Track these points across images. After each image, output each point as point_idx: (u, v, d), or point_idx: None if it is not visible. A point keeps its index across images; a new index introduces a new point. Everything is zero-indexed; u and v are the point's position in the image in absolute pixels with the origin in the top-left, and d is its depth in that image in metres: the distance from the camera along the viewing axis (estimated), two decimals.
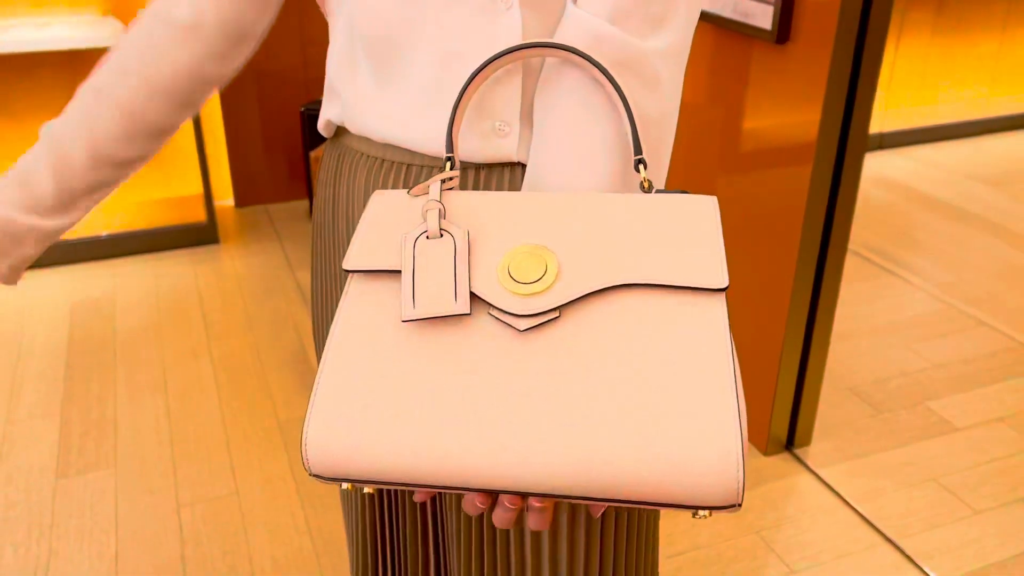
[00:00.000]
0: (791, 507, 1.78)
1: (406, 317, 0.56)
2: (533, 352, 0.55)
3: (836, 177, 1.69)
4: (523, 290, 0.57)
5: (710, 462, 0.50)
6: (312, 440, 0.55)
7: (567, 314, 0.57)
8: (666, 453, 0.51)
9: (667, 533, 1.71)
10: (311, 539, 1.70)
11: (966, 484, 1.84)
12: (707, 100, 1.91)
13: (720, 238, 0.60)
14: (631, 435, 0.52)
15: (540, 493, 0.53)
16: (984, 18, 3.76)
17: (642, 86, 0.66)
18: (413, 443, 0.53)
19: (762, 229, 1.82)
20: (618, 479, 0.51)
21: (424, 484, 0.54)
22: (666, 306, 0.57)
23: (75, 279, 2.70)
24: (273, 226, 3.07)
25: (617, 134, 0.66)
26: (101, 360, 2.28)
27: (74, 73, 2.63)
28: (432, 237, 0.59)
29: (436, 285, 0.57)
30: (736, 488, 0.51)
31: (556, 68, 0.67)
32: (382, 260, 0.60)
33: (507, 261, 0.58)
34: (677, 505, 0.52)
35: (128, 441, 1.98)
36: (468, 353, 0.56)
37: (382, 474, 0.54)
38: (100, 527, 1.73)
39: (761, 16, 1.67)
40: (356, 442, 0.54)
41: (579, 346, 0.55)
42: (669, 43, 0.67)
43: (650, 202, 0.62)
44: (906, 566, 1.63)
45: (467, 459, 0.53)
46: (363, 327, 0.58)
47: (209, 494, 1.82)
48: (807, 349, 1.86)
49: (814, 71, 1.61)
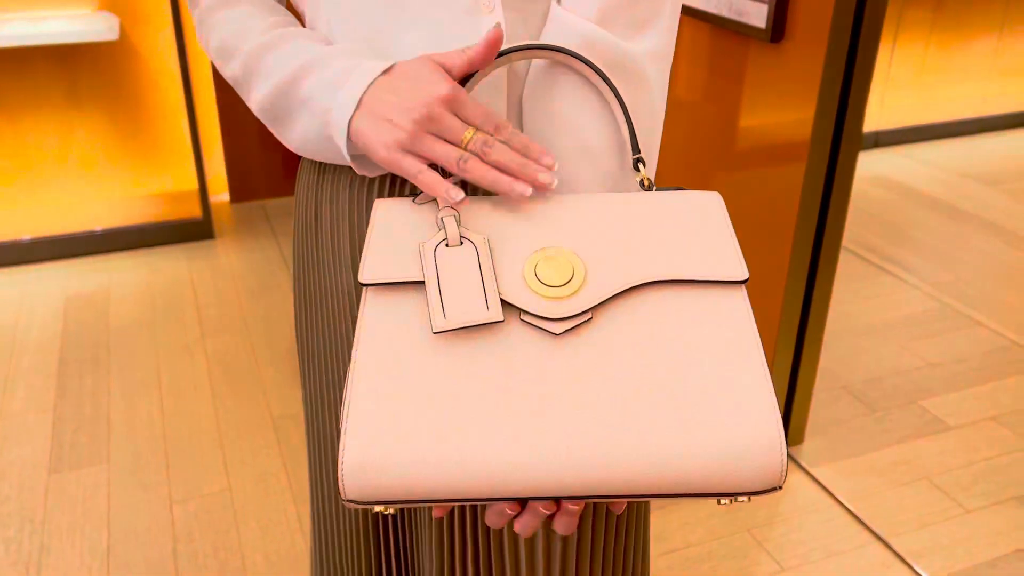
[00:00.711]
0: (783, 505, 1.79)
1: (438, 328, 0.55)
2: (570, 355, 0.55)
3: (830, 175, 1.69)
4: (554, 293, 0.57)
5: (755, 449, 0.52)
6: (349, 467, 0.53)
7: (598, 315, 0.57)
8: (712, 444, 0.52)
9: (659, 531, 1.71)
10: (303, 535, 1.70)
11: (958, 483, 1.84)
12: (704, 98, 1.91)
13: (732, 232, 0.61)
14: (677, 429, 0.52)
15: (588, 496, 0.53)
16: (982, 17, 3.76)
17: (632, 87, 0.66)
18: (460, 458, 0.52)
19: (756, 227, 1.82)
20: (669, 473, 0.52)
21: (471, 499, 0.53)
22: (693, 300, 0.58)
23: (69, 274, 2.70)
24: (268, 222, 3.06)
25: (612, 135, 0.66)
26: (95, 355, 2.28)
27: (69, 68, 2.62)
28: (452, 245, 0.59)
29: (465, 294, 0.56)
30: (780, 471, 0.53)
31: (546, 71, 0.67)
32: (400, 271, 0.58)
33: (532, 265, 0.58)
34: (722, 493, 0.53)
35: (121, 437, 1.98)
36: (504, 361, 0.55)
37: (422, 493, 0.53)
38: (92, 523, 1.73)
39: (755, 15, 1.67)
40: (395, 464, 0.52)
41: (614, 346, 0.56)
42: (655, 45, 0.68)
43: (657, 200, 0.63)
44: (896, 565, 1.64)
45: (518, 469, 0.52)
46: (388, 343, 0.56)
47: (202, 490, 1.82)
48: (800, 347, 1.86)
49: (808, 69, 1.61)
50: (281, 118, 0.69)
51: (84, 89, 2.66)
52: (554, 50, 0.64)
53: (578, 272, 0.58)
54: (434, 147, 0.60)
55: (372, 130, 0.61)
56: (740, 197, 1.85)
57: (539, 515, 0.55)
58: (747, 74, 1.77)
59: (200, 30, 0.75)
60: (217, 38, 0.72)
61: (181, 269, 2.73)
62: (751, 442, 0.52)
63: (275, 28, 0.71)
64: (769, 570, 1.63)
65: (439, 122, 0.60)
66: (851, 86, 1.61)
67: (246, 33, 0.71)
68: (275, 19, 0.72)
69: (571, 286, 0.57)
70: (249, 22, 0.71)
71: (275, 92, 0.68)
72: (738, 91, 1.80)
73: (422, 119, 0.60)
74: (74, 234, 2.78)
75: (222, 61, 0.72)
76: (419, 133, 0.60)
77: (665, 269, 0.58)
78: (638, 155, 0.65)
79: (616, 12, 0.65)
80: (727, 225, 0.61)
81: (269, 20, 0.72)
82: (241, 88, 0.72)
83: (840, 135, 1.66)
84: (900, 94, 3.81)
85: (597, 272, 0.58)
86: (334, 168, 0.75)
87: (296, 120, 0.68)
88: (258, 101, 0.70)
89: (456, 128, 0.60)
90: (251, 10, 0.73)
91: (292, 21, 0.74)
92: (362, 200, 0.73)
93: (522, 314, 0.56)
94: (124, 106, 2.72)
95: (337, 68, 0.65)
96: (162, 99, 2.76)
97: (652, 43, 0.67)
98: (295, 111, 0.68)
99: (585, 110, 0.66)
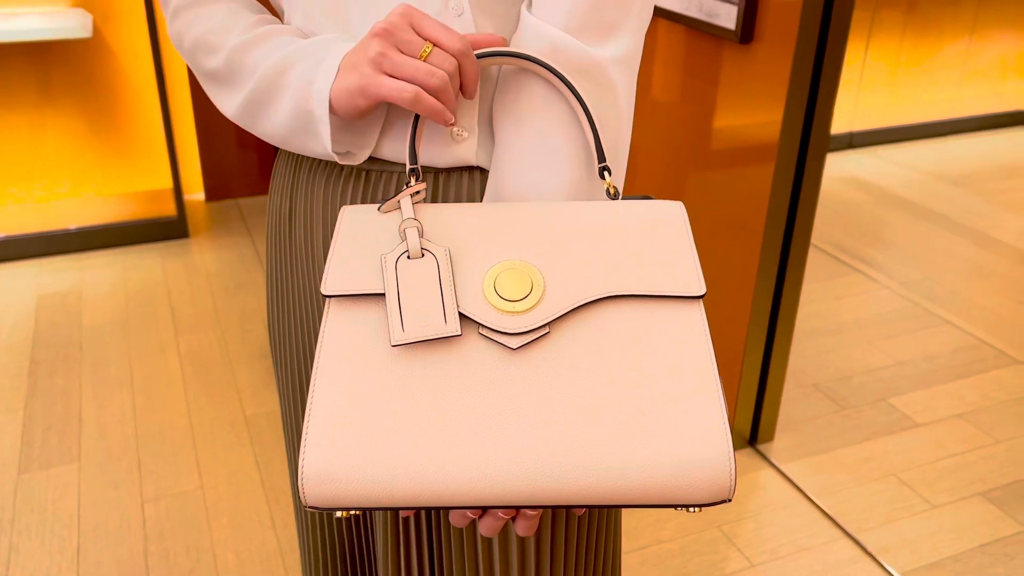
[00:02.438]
0: (753, 502, 1.81)
1: (396, 342, 0.56)
2: (526, 368, 0.56)
3: (799, 176, 1.71)
4: (512, 307, 0.58)
5: (704, 463, 0.54)
6: (309, 474, 0.54)
7: (555, 329, 0.58)
8: (663, 457, 0.54)
9: (631, 528, 1.73)
10: (276, 534, 1.70)
11: (925, 479, 1.87)
12: (677, 99, 1.93)
13: (692, 245, 0.62)
14: (629, 444, 0.54)
15: (542, 505, 0.54)
16: (953, 20, 3.81)
17: (599, 93, 0.67)
18: (413, 467, 0.53)
19: (727, 227, 1.84)
20: (621, 486, 0.53)
21: (426, 506, 0.54)
22: (649, 315, 0.59)
23: (42, 273, 2.67)
24: (243, 220, 3.05)
25: (579, 142, 0.67)
26: (67, 354, 2.27)
27: (41, 65, 2.60)
28: (413, 257, 0.60)
29: (423, 307, 0.57)
30: (728, 484, 0.54)
31: (515, 76, 0.67)
32: (362, 283, 0.59)
33: (491, 279, 0.59)
34: (673, 505, 0.55)
35: (93, 436, 1.97)
36: (461, 373, 0.56)
37: (383, 500, 0.54)
38: (62, 522, 1.72)
39: (725, 16, 1.69)
40: (353, 471, 0.54)
41: (570, 360, 0.57)
42: (623, 50, 0.68)
43: (621, 210, 0.64)
44: (864, 559, 1.66)
45: (471, 479, 0.53)
46: (350, 353, 0.57)
47: (174, 489, 1.81)
48: (770, 345, 1.88)
49: (777, 71, 1.63)
50: (265, 106, 0.70)
51: (57, 87, 2.64)
52: (520, 57, 0.65)
53: (537, 286, 0.59)
54: (403, 63, 0.61)
55: (346, 79, 0.63)
56: (711, 197, 1.87)
57: (500, 518, 0.57)
58: (719, 76, 1.78)
59: (173, 24, 0.75)
60: (196, 33, 0.73)
61: (155, 268, 2.72)
62: (701, 456, 0.54)
63: (259, 25, 0.72)
64: (739, 566, 1.64)
65: (396, 33, 0.62)
66: (819, 88, 1.63)
67: (230, 29, 0.72)
68: (259, 16, 0.74)
69: (529, 300, 0.58)
70: (232, 19, 0.72)
71: (260, 82, 0.68)
72: (710, 92, 1.82)
73: (381, 31, 0.62)
74: (47, 232, 2.76)
75: (202, 55, 0.73)
76: (385, 47, 0.62)
77: (623, 284, 0.59)
78: (603, 163, 0.65)
79: (584, 17, 0.66)
80: (688, 238, 0.62)
81: (253, 17, 0.73)
82: (221, 83, 0.72)
83: (808, 136, 1.68)
84: (873, 96, 3.85)
85: (556, 286, 0.59)
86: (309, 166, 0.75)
87: (279, 104, 0.68)
88: (243, 95, 0.70)
89: (415, 42, 0.62)
90: (234, 7, 0.74)
91: (274, 19, 0.75)
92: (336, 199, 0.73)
93: (480, 328, 0.57)
94: (97, 104, 2.70)
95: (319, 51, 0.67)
96: (136, 97, 2.74)
97: (619, 48, 0.68)
98: (278, 97, 0.68)
99: (552, 118, 0.66)
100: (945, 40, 3.85)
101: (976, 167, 3.69)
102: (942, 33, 3.83)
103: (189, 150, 3.09)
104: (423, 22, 0.62)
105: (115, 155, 2.79)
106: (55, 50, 2.60)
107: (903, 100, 3.92)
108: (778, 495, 1.83)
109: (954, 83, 3.99)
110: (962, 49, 3.91)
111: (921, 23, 3.76)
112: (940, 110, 4.01)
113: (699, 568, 1.64)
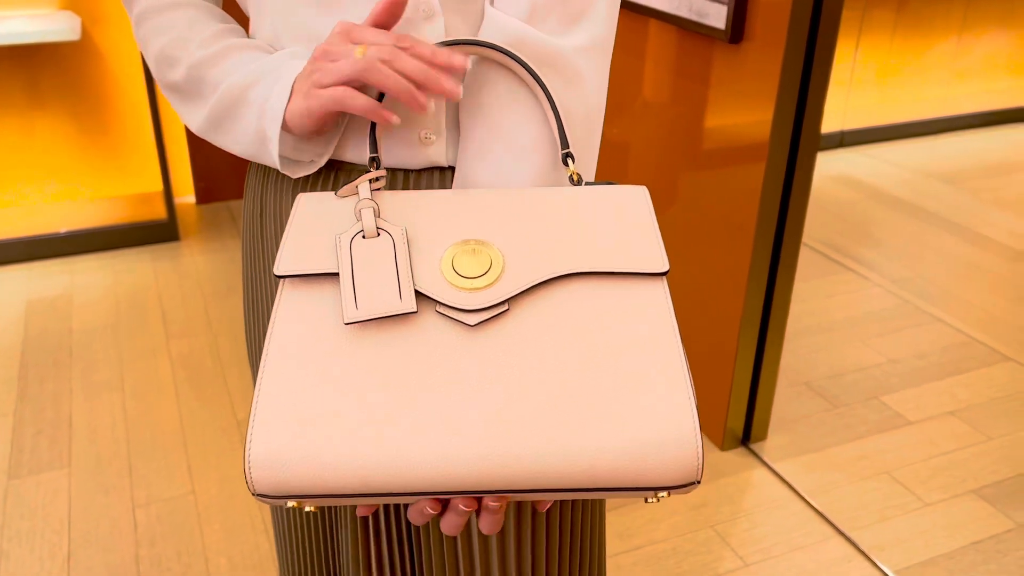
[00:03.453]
0: (746, 501, 1.81)
1: (349, 319, 0.54)
2: (484, 347, 0.55)
3: (789, 175, 1.72)
4: (470, 284, 0.56)
5: (670, 443, 0.51)
6: (255, 458, 0.51)
7: (515, 307, 0.56)
8: (626, 437, 0.51)
9: (623, 528, 1.73)
10: (268, 539, 1.69)
11: (917, 477, 1.88)
12: (669, 99, 1.93)
13: (655, 225, 0.61)
14: (591, 422, 0.52)
15: (501, 490, 0.52)
16: (943, 18, 3.82)
17: (564, 83, 0.66)
18: (366, 451, 0.51)
19: (718, 226, 1.84)
20: (579, 467, 0.51)
21: (379, 493, 0.52)
22: (612, 292, 0.57)
23: (31, 277, 2.66)
24: (234, 223, 3.04)
25: (544, 131, 0.66)
26: (57, 359, 2.25)
27: (30, 68, 2.58)
28: (369, 236, 0.58)
29: (378, 284, 0.55)
30: (696, 465, 0.52)
31: (479, 69, 0.67)
32: (316, 263, 0.57)
33: (449, 257, 0.57)
34: (637, 488, 0.52)
35: (83, 440, 1.96)
36: (416, 352, 0.54)
37: (333, 487, 0.51)
38: (52, 528, 1.71)
39: (715, 16, 1.69)
40: (303, 456, 0.51)
41: (530, 337, 0.55)
42: (589, 38, 0.67)
43: (583, 194, 0.62)
44: (857, 558, 1.66)
45: (424, 462, 0.51)
46: (300, 334, 0.55)
47: (165, 494, 1.81)
48: (762, 344, 1.88)
49: (767, 70, 1.63)
50: (226, 123, 0.69)
51: (46, 90, 2.62)
52: (483, 45, 0.64)
53: (496, 264, 0.57)
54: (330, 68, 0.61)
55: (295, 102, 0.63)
56: (702, 197, 1.87)
57: (462, 514, 0.54)
58: (709, 75, 1.78)
59: (137, 32, 0.74)
60: (157, 46, 0.71)
61: (146, 271, 2.70)
62: (665, 436, 0.52)
63: (220, 38, 0.71)
64: (732, 565, 1.64)
65: (331, 49, 0.62)
66: (809, 87, 1.64)
67: (189, 41, 0.70)
68: (220, 27, 0.72)
69: (487, 277, 0.56)
70: (191, 30, 0.71)
71: (221, 101, 0.68)
72: (700, 92, 1.82)
73: (319, 52, 0.62)
74: (37, 236, 2.74)
75: (164, 68, 0.72)
76: (318, 64, 0.62)
77: (584, 261, 0.58)
78: (567, 150, 0.65)
79: (548, 8, 0.65)
80: (650, 218, 0.61)
81: (214, 28, 0.72)
82: (183, 96, 0.71)
83: (799, 135, 1.68)
84: (864, 95, 3.86)
85: (515, 264, 0.57)
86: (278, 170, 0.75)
87: (239, 123, 0.68)
88: (205, 111, 0.69)
89: (348, 48, 0.61)
90: (194, 15, 0.72)
91: (236, 29, 0.74)
92: None
93: (438, 306, 0.56)
94: (87, 107, 2.69)
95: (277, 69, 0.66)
96: (125, 99, 2.73)
97: (586, 36, 0.67)
98: (238, 116, 0.68)
99: (516, 107, 0.66)
100: (935, 39, 3.87)
101: (966, 165, 3.71)
102: (932, 32, 3.84)
103: (179, 152, 3.07)
104: (358, 32, 0.62)
105: (105, 158, 2.78)
106: (43, 53, 2.58)
107: (893, 99, 3.93)
108: (771, 494, 1.83)
109: (944, 82, 4.00)
110: (952, 48, 3.93)
111: (911, 22, 3.77)
112: (930, 108, 4.03)
113: (693, 568, 1.64)
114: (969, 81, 4.06)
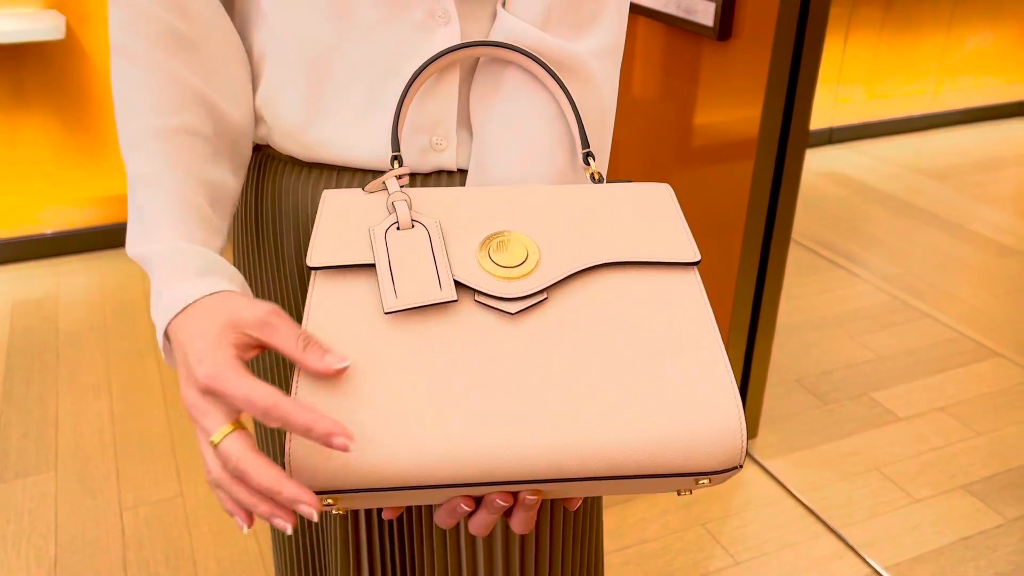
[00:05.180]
0: (737, 499, 1.81)
1: (389, 308, 0.53)
2: (525, 335, 0.54)
3: (778, 171, 1.71)
4: (508, 274, 0.56)
5: (715, 426, 0.52)
6: (297, 455, 0.50)
7: (553, 296, 0.56)
8: (671, 422, 0.52)
9: (614, 528, 1.72)
10: (257, 541, 1.68)
11: (907, 473, 1.88)
12: (657, 96, 1.92)
13: (683, 218, 0.62)
14: (636, 407, 0.52)
15: (548, 479, 0.51)
16: (931, 14, 3.83)
17: (580, 86, 0.66)
18: (411, 442, 0.50)
19: (708, 223, 1.83)
20: (629, 453, 0.51)
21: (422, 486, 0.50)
22: (647, 282, 0.58)
23: (17, 278, 2.64)
24: None
25: (563, 131, 0.66)
26: (43, 361, 2.23)
27: (14, 67, 2.56)
28: (403, 228, 0.58)
29: (417, 274, 0.55)
30: (740, 449, 0.52)
31: (493, 69, 0.66)
32: (350, 255, 0.57)
33: (485, 248, 0.58)
34: (686, 474, 0.52)
35: (70, 443, 1.94)
36: (457, 342, 0.54)
37: (377, 481, 0.50)
38: (38, 532, 1.69)
39: (703, 13, 1.68)
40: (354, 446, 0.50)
41: (571, 326, 0.55)
42: (601, 42, 0.67)
43: (608, 190, 0.63)
44: (847, 554, 1.66)
45: (472, 452, 0.50)
46: (335, 325, 0.54)
47: (153, 496, 1.79)
48: (752, 341, 1.88)
49: (755, 68, 1.62)
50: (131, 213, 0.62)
51: (30, 89, 2.60)
52: (500, 46, 0.64)
53: (532, 254, 0.57)
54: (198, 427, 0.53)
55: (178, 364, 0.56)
56: (692, 193, 1.86)
57: (496, 511, 0.53)
58: (697, 73, 1.78)
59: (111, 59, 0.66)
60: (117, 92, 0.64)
61: (132, 272, 2.69)
62: (710, 419, 0.52)
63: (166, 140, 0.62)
64: (723, 563, 1.64)
65: (195, 411, 0.53)
66: (798, 83, 1.63)
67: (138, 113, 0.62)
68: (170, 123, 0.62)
69: (525, 267, 0.56)
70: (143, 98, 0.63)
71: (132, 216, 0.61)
72: (689, 90, 1.82)
73: (187, 405, 0.53)
74: (22, 237, 2.72)
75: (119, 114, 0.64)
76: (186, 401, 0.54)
77: (619, 252, 0.58)
78: (587, 149, 0.65)
79: (561, 13, 0.65)
80: (677, 212, 0.62)
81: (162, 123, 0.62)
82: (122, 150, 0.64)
83: (788, 132, 1.68)
84: (853, 91, 3.87)
85: (551, 255, 0.57)
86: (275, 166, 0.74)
87: None
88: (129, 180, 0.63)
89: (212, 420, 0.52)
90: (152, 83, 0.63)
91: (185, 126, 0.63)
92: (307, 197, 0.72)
93: (476, 295, 0.55)
94: (72, 106, 2.67)
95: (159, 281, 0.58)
96: (111, 99, 2.71)
97: (599, 40, 0.67)
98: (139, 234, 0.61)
99: (533, 107, 0.65)
100: (923, 35, 3.88)
101: (955, 161, 3.72)
102: (920, 28, 3.85)
103: None
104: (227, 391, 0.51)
105: (90, 158, 2.76)
106: (28, 52, 2.56)
107: (882, 95, 3.94)
108: (762, 492, 1.83)
109: (932, 78, 4.01)
110: (940, 44, 3.94)
111: (899, 18, 3.77)
112: (919, 105, 4.04)
113: (684, 566, 1.63)
114: (957, 77, 4.07)
